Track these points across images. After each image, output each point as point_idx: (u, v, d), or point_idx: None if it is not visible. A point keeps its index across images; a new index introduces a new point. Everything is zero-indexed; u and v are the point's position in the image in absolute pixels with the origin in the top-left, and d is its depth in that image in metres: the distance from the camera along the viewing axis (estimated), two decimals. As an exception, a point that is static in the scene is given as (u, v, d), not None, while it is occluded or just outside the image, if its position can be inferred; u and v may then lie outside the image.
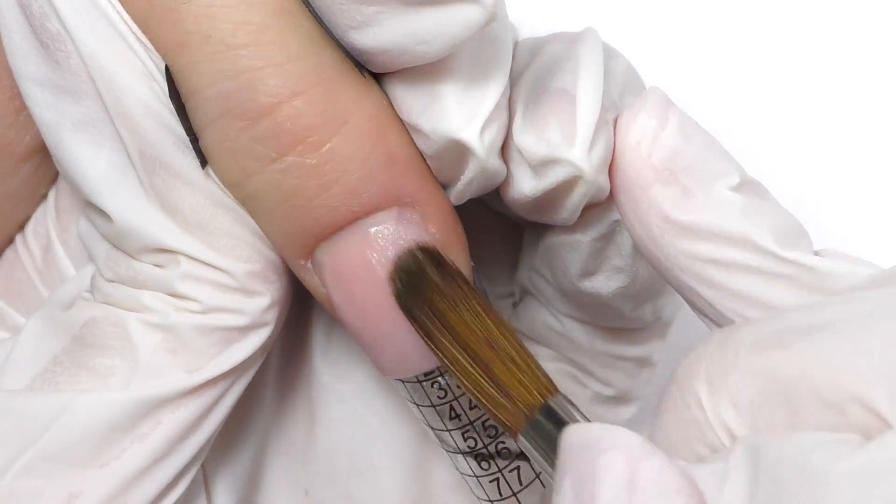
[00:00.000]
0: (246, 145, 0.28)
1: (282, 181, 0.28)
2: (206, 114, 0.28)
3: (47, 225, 0.34)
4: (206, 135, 0.28)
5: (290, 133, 0.28)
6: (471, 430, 0.31)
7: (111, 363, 0.29)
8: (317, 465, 0.36)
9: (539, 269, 0.35)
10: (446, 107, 0.28)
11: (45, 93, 0.29)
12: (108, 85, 0.28)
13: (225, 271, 0.29)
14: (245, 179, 0.29)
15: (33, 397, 0.29)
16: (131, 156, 0.29)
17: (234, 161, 0.28)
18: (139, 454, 0.29)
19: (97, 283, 0.30)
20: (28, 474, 0.29)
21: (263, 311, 0.30)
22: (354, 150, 0.28)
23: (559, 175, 0.29)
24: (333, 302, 0.30)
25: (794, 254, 0.29)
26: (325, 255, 0.29)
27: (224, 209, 0.29)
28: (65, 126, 0.29)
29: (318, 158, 0.28)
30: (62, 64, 0.28)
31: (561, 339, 0.36)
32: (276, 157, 0.28)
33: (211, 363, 0.30)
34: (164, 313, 0.29)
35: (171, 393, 0.29)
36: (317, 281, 0.30)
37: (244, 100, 0.28)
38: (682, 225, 0.29)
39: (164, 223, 0.29)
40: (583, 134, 0.29)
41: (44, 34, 0.28)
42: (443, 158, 0.29)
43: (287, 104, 0.28)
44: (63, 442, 0.29)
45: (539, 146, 0.29)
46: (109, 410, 0.29)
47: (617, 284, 0.33)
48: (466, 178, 0.29)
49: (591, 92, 0.30)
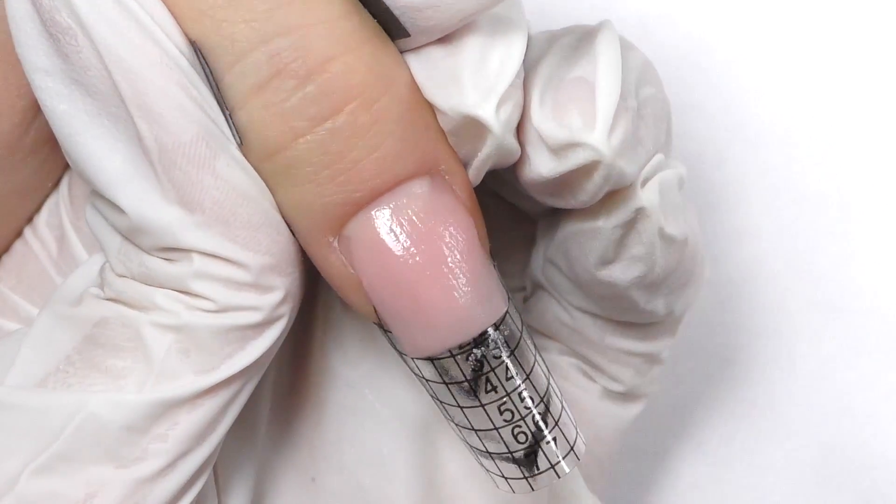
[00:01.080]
0: (296, 105, 0.28)
1: (330, 141, 0.28)
2: (253, 77, 0.28)
3: (60, 214, 0.34)
4: (251, 102, 0.28)
5: (343, 90, 0.28)
6: (508, 401, 0.31)
7: (123, 365, 0.29)
8: (324, 452, 0.35)
9: (554, 259, 0.35)
10: (462, 84, 0.28)
11: (56, 84, 0.28)
12: (125, 75, 0.28)
13: (241, 265, 0.29)
14: (291, 143, 0.28)
15: (48, 396, 0.29)
16: (149, 150, 0.28)
17: (283, 123, 0.28)
18: (156, 455, 0.29)
19: (108, 278, 0.30)
20: (44, 475, 0.28)
21: (277, 305, 0.30)
22: (400, 113, 0.28)
23: (579, 158, 0.30)
24: (365, 280, 0.29)
25: None
26: (357, 228, 0.29)
27: (245, 200, 0.29)
28: (79, 118, 0.28)
29: (368, 117, 0.28)
30: (72, 58, 0.28)
31: (571, 333, 0.36)
32: (327, 115, 0.28)
33: (226, 363, 0.29)
34: (177, 313, 0.29)
35: (185, 394, 0.29)
36: (341, 261, 0.29)
37: (296, 57, 0.27)
38: None
39: (181, 218, 0.28)
40: (603, 119, 0.29)
41: (53, 27, 0.28)
42: (460, 136, 0.29)
43: (339, 60, 0.27)
44: (80, 442, 0.28)
45: (560, 131, 0.30)
46: (125, 411, 0.28)
47: (634, 274, 0.33)
48: (483, 154, 0.29)
49: (611, 79, 0.30)
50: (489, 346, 0.30)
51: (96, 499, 0.28)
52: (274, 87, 0.28)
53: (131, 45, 0.27)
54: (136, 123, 0.28)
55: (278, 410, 0.36)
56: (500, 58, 0.29)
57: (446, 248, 0.29)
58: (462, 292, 0.29)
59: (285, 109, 0.28)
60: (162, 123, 0.28)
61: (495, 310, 0.30)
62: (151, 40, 0.28)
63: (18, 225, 0.34)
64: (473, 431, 0.32)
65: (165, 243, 0.29)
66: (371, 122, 0.28)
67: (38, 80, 0.28)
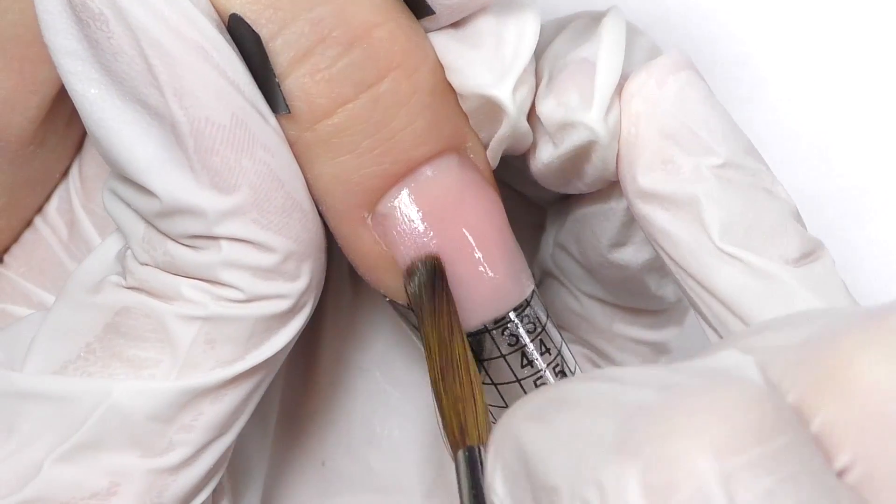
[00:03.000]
0: (342, 70, 0.28)
1: (373, 109, 0.28)
2: (298, 45, 0.28)
3: (71, 199, 0.34)
4: (297, 70, 0.28)
5: (387, 56, 0.28)
6: (543, 376, 0.31)
7: (147, 355, 0.29)
8: (334, 435, 0.35)
9: (565, 243, 0.35)
10: (478, 66, 0.29)
11: (87, 68, 0.28)
12: (163, 59, 0.27)
13: (272, 250, 0.28)
14: (337, 109, 0.28)
15: (71, 384, 0.29)
16: (183, 135, 0.28)
17: (329, 89, 0.28)
18: (181, 445, 0.29)
19: (130, 266, 0.30)
20: (69, 462, 0.28)
21: (304, 292, 0.30)
22: (435, 85, 0.29)
23: (574, 140, 0.30)
24: (397, 253, 0.30)
25: (737, 250, 0.29)
26: (392, 203, 0.29)
27: (280, 184, 0.28)
28: (111, 102, 0.28)
29: (409, 85, 0.28)
30: (102, 44, 0.27)
31: (580, 321, 0.36)
32: (372, 80, 0.28)
33: (252, 353, 0.29)
34: (204, 304, 0.29)
35: (210, 384, 0.29)
36: (374, 238, 0.30)
37: (339, 23, 0.28)
38: (645, 191, 0.29)
39: (214, 203, 0.28)
40: (599, 98, 0.29)
41: (84, 12, 0.27)
42: (477, 118, 0.30)
43: (381, 27, 0.28)
44: (104, 431, 0.28)
45: (557, 111, 0.30)
46: (150, 401, 0.28)
47: (646, 256, 0.34)
48: (500, 136, 0.30)
49: (612, 59, 0.30)
50: (523, 321, 0.30)
51: (120, 488, 0.28)
52: (319, 54, 0.28)
53: (169, 28, 0.27)
54: (171, 108, 0.27)
55: (290, 396, 0.36)
56: (515, 41, 0.29)
57: (479, 223, 0.29)
58: (495, 267, 0.30)
59: (332, 75, 0.28)
60: (201, 107, 0.27)
61: (526, 284, 0.30)
62: (189, 22, 0.27)
63: (28, 215, 0.34)
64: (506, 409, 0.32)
65: (196, 230, 0.28)
66: (411, 92, 0.28)
67: (68, 65, 0.28)
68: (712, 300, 0.29)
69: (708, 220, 0.29)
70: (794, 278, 0.29)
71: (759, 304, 0.28)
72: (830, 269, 0.29)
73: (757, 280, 0.28)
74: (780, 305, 0.28)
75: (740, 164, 0.29)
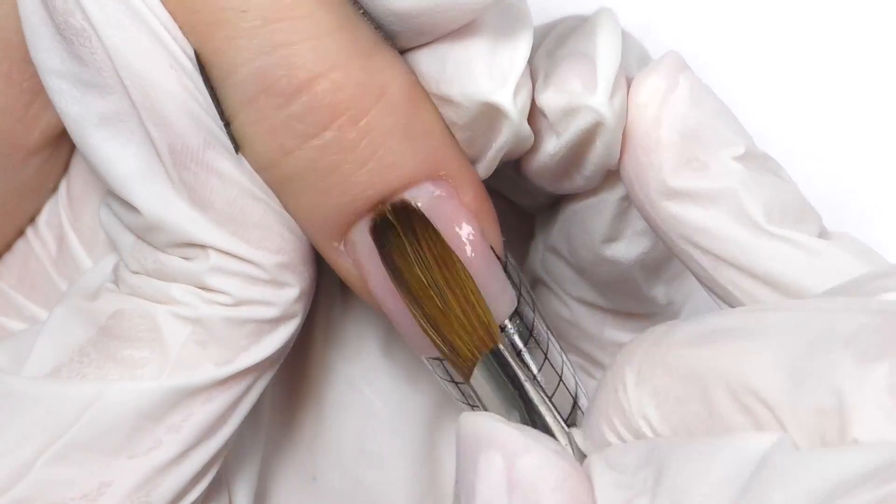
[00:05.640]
0: (284, 122, 0.28)
1: (319, 158, 0.28)
2: (242, 93, 0.28)
3: (60, 215, 0.34)
4: (242, 116, 0.28)
5: (329, 108, 0.28)
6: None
7: (140, 355, 0.29)
8: (325, 451, 0.36)
9: (555, 245, 0.35)
10: (477, 72, 0.29)
11: (70, 87, 0.29)
12: (134, 79, 0.28)
13: (256, 264, 0.29)
14: (282, 158, 0.28)
15: (64, 386, 0.29)
16: (159, 150, 0.28)
17: (272, 140, 0.28)
18: (170, 445, 0.29)
19: (122, 275, 0.30)
20: (59, 463, 0.29)
21: (293, 302, 0.30)
22: (392, 124, 0.28)
23: (580, 124, 0.30)
24: (369, 282, 0.30)
25: (782, 230, 0.29)
26: (360, 234, 0.29)
27: (255, 201, 0.29)
28: (91, 121, 0.29)
29: (356, 132, 0.28)
30: (86, 59, 0.28)
31: (571, 327, 0.36)
32: (314, 132, 0.28)
33: (241, 356, 0.30)
34: (194, 306, 0.29)
35: (201, 384, 0.29)
36: (350, 263, 0.30)
37: (281, 75, 0.27)
38: (678, 191, 0.29)
39: (195, 217, 0.29)
40: (603, 83, 0.29)
41: (67, 30, 0.28)
42: (475, 126, 0.29)
43: (325, 78, 0.28)
44: (95, 431, 0.29)
45: (560, 98, 0.30)
46: (141, 400, 0.29)
47: (638, 250, 0.34)
48: (500, 142, 0.29)
49: (611, 50, 0.30)
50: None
51: (110, 487, 0.29)
52: (262, 104, 0.28)
53: (141, 49, 0.28)
54: (147, 127, 0.28)
55: (279, 409, 0.36)
56: (510, 45, 0.29)
57: None
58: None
59: (274, 126, 0.28)
60: (170, 127, 0.28)
61: (500, 312, 0.30)
62: (160, 45, 0.28)
63: (20, 224, 0.35)
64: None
65: (181, 240, 0.29)
66: (360, 137, 0.28)
67: (52, 84, 0.29)
68: (758, 285, 0.29)
69: (750, 207, 0.29)
70: (836, 248, 0.29)
71: (812, 278, 0.29)
72: (850, 237, 0.30)
73: (806, 255, 0.29)
74: (832, 275, 0.29)
75: (755, 152, 0.30)
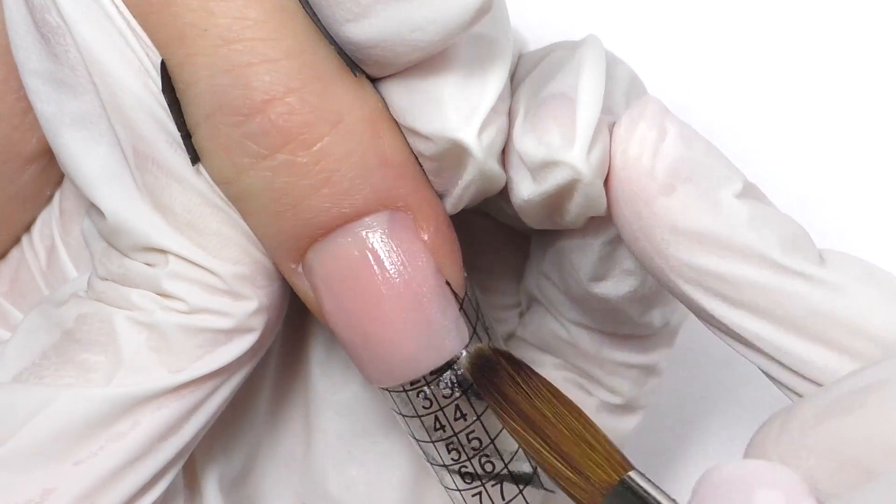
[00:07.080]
0: (238, 141, 0.28)
1: (273, 179, 0.28)
2: (200, 109, 0.28)
3: (52, 227, 0.34)
4: (200, 130, 0.28)
5: (283, 130, 0.28)
6: (455, 441, 0.31)
7: (95, 359, 0.29)
8: (312, 477, 0.35)
9: (548, 273, 0.35)
10: (443, 107, 0.28)
11: (46, 86, 0.29)
12: (103, 79, 0.28)
13: (212, 272, 0.29)
14: (236, 176, 0.28)
15: (16, 391, 0.29)
16: (125, 152, 0.29)
17: (226, 157, 0.28)
18: (115, 453, 0.29)
19: (91, 281, 0.31)
20: (2, 468, 0.29)
21: (250, 315, 0.30)
22: (347, 150, 0.28)
23: (557, 178, 0.29)
24: (323, 307, 0.29)
25: (801, 264, 0.29)
26: (314, 259, 0.29)
27: (214, 209, 0.29)
28: (63, 121, 0.29)
29: (309, 157, 0.28)
30: (61, 58, 0.28)
31: (567, 346, 0.36)
32: (267, 154, 0.28)
33: (194, 364, 0.29)
34: (150, 311, 0.29)
35: (151, 391, 0.29)
36: (307, 285, 0.29)
37: (238, 95, 0.27)
38: (690, 236, 0.29)
39: (155, 221, 0.29)
40: (582, 136, 0.29)
41: (44, 27, 0.28)
42: (441, 161, 0.29)
43: (280, 101, 0.27)
44: (39, 436, 0.29)
45: (538, 149, 0.29)
46: (88, 406, 0.29)
47: (627, 288, 0.33)
48: (465, 181, 0.29)
49: (592, 94, 0.29)
50: (439, 386, 0.30)
51: (52, 495, 0.29)
52: (218, 121, 0.28)
53: (111, 49, 0.28)
54: (114, 128, 0.28)
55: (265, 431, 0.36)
56: (480, 81, 0.29)
57: (397, 287, 0.29)
58: (410, 333, 0.29)
59: (228, 144, 0.28)
60: (134, 128, 0.28)
61: (447, 351, 0.30)
62: (130, 48, 0.28)
63: (16, 232, 0.35)
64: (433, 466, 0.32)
65: (142, 243, 0.29)
66: (313, 162, 0.28)
67: (30, 83, 0.29)
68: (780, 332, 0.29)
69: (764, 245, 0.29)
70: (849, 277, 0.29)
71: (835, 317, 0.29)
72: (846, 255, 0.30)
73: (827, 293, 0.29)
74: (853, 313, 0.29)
75: (749, 185, 0.30)
